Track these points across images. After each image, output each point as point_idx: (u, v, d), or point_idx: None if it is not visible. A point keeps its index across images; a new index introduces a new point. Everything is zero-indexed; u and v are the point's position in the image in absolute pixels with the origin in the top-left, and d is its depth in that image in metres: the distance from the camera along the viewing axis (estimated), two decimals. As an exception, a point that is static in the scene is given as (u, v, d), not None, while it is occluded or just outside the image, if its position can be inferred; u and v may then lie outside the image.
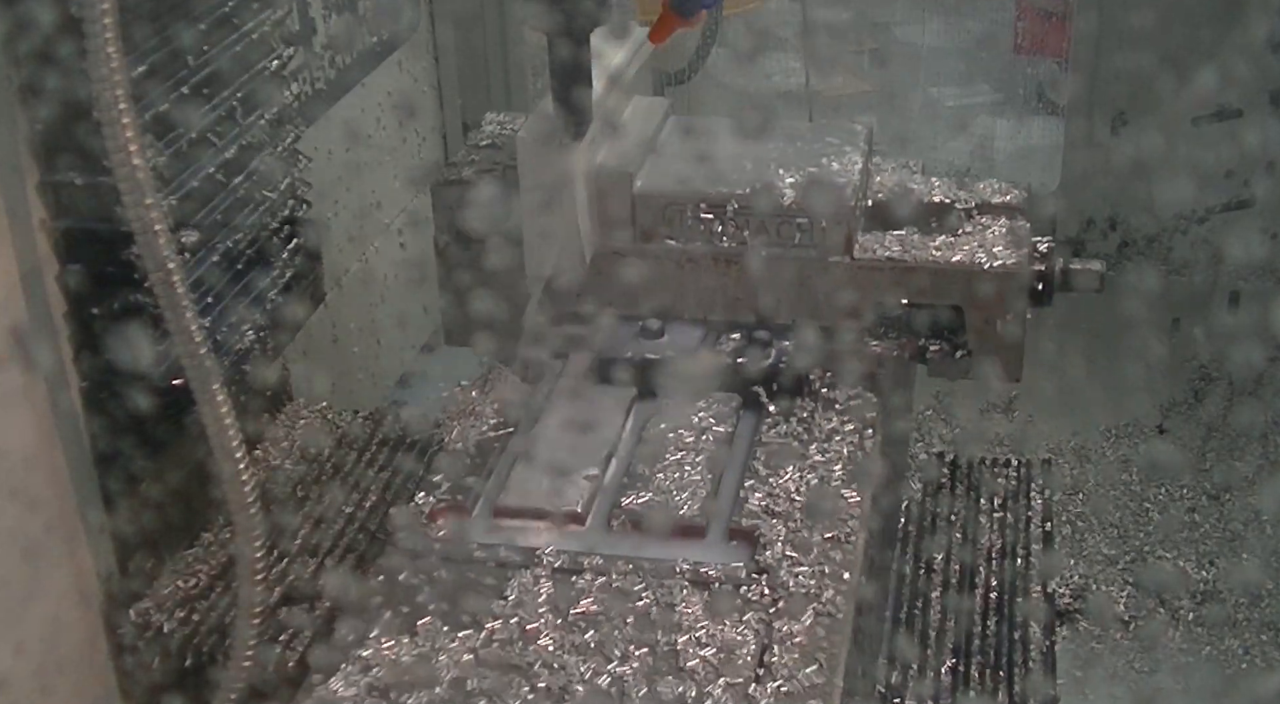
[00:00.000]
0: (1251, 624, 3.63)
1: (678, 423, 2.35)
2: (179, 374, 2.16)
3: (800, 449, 2.29)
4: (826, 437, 2.32)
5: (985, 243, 2.46)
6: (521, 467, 2.26)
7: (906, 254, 2.45)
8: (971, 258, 2.42)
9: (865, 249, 2.46)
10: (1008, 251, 2.43)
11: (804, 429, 2.34)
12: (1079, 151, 3.92)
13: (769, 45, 5.40)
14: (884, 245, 2.46)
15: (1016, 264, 2.42)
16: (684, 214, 2.47)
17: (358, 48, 3.66)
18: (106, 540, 2.44)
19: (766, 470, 2.24)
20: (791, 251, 2.46)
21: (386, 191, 3.92)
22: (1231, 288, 4.02)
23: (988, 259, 2.42)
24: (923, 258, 2.44)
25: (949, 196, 2.57)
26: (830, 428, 2.34)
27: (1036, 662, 2.41)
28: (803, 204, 2.44)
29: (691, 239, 2.48)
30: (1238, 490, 3.92)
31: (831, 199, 2.44)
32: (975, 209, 2.55)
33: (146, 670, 2.43)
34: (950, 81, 5.53)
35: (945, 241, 2.48)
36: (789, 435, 2.33)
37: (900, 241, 2.47)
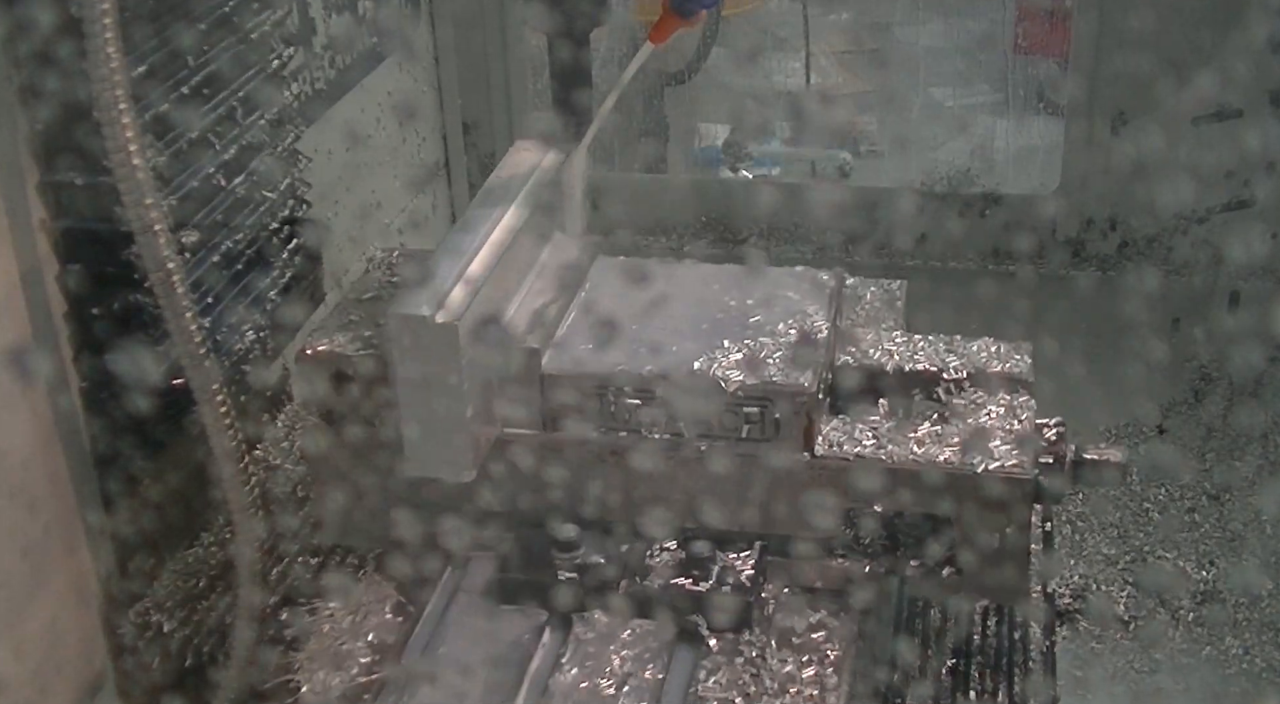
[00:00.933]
0: (1251, 625, 3.63)
1: (593, 667, 1.95)
2: (179, 374, 2.16)
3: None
4: (781, 686, 1.92)
5: (979, 433, 2.05)
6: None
7: (881, 451, 2.02)
8: (962, 456, 2.00)
9: (829, 443, 2.04)
10: (1007, 447, 2.01)
11: (752, 675, 1.94)
12: (1079, 151, 3.92)
13: (769, 45, 5.40)
14: (852, 438, 2.04)
15: (1018, 466, 1.99)
16: (604, 399, 2.06)
17: (358, 48, 3.66)
18: (106, 541, 2.44)
19: None
20: (738, 446, 2.03)
21: (386, 192, 3.92)
22: (1231, 288, 4.01)
23: (982, 459, 1.99)
24: (901, 456, 2.02)
25: (935, 364, 2.18)
26: (786, 673, 1.95)
27: (1036, 662, 2.41)
28: (751, 390, 2.01)
29: (615, 429, 2.07)
30: (1238, 491, 3.92)
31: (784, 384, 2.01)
32: (967, 380, 2.15)
33: (146, 670, 2.43)
34: (950, 82, 5.53)
35: (930, 433, 2.05)
36: (732, 685, 1.93)
37: (874, 432, 2.05)
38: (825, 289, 2.22)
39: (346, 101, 3.62)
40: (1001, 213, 3.97)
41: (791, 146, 5.33)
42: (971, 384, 2.15)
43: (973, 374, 2.16)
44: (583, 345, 2.12)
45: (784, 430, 2.02)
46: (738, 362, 2.05)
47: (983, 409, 2.11)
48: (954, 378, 2.16)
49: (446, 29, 4.08)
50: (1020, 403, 2.13)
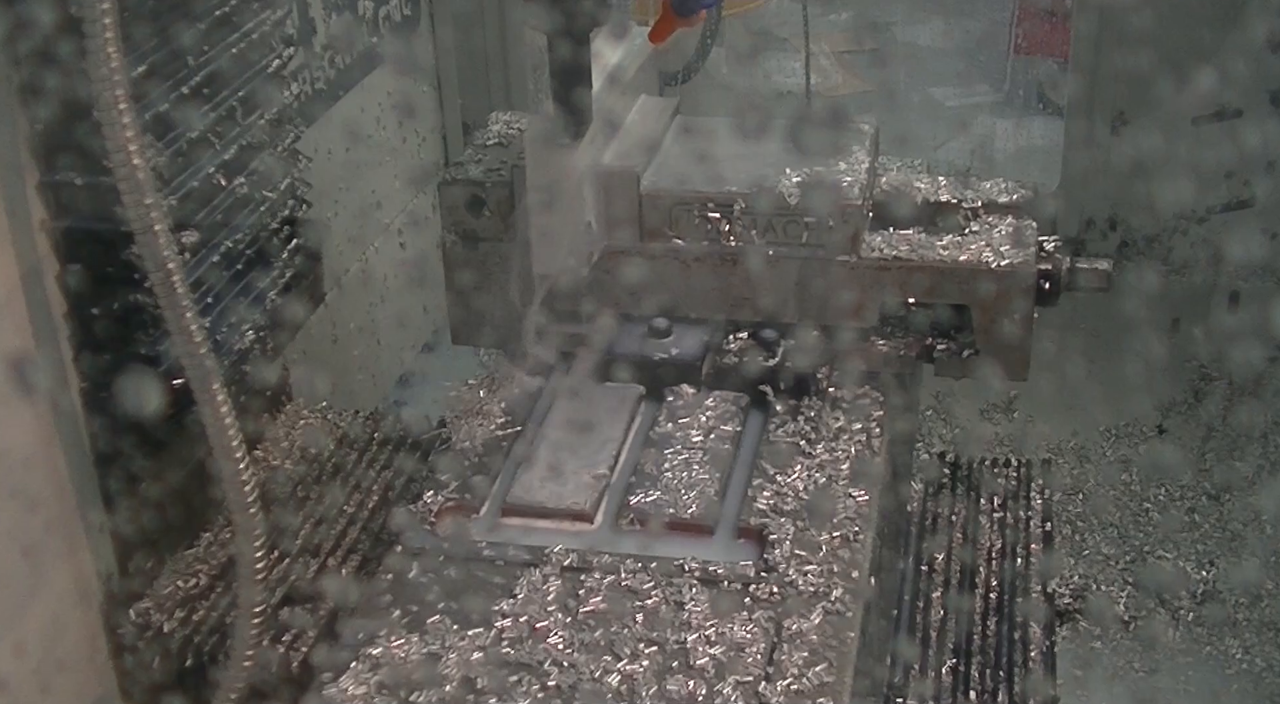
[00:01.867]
0: (1251, 625, 3.63)
1: (685, 422, 2.34)
2: (179, 374, 2.17)
3: (807, 448, 2.28)
4: (833, 436, 2.32)
5: (991, 242, 2.45)
6: (529, 465, 2.26)
7: (913, 254, 2.43)
8: (978, 257, 2.41)
9: (872, 248, 2.45)
10: (1014, 250, 2.42)
11: (811, 428, 2.33)
12: (1079, 151, 3.92)
13: (769, 45, 5.40)
14: (890, 245, 2.45)
15: (1023, 263, 2.41)
16: (689, 214, 2.46)
17: (358, 48, 3.67)
18: (106, 540, 2.44)
19: (774, 469, 2.24)
20: (797, 251, 2.44)
21: (386, 192, 3.93)
22: (1231, 288, 4.02)
23: (994, 258, 2.41)
24: (929, 257, 2.43)
25: (955, 196, 2.56)
26: (837, 427, 2.34)
27: (1036, 661, 2.41)
28: (808, 203, 2.42)
29: (697, 239, 2.47)
30: (1237, 490, 3.92)
31: (838, 198, 2.42)
32: (981, 208, 2.54)
33: (146, 670, 2.43)
34: (950, 82, 5.53)
35: (952, 241, 2.46)
36: (796, 434, 2.32)
37: (907, 241, 2.46)
38: (865, 134, 2.63)
39: (346, 101, 3.63)
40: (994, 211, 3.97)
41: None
42: (985, 210, 2.53)
43: (985, 203, 2.55)
44: (672, 171, 2.52)
45: (835, 238, 2.42)
46: (798, 183, 2.43)
47: (994, 228, 2.50)
48: (970, 206, 2.54)
49: (446, 29, 4.08)
50: (1023, 224, 2.51)
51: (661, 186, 2.48)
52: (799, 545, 2.07)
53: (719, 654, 1.90)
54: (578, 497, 2.18)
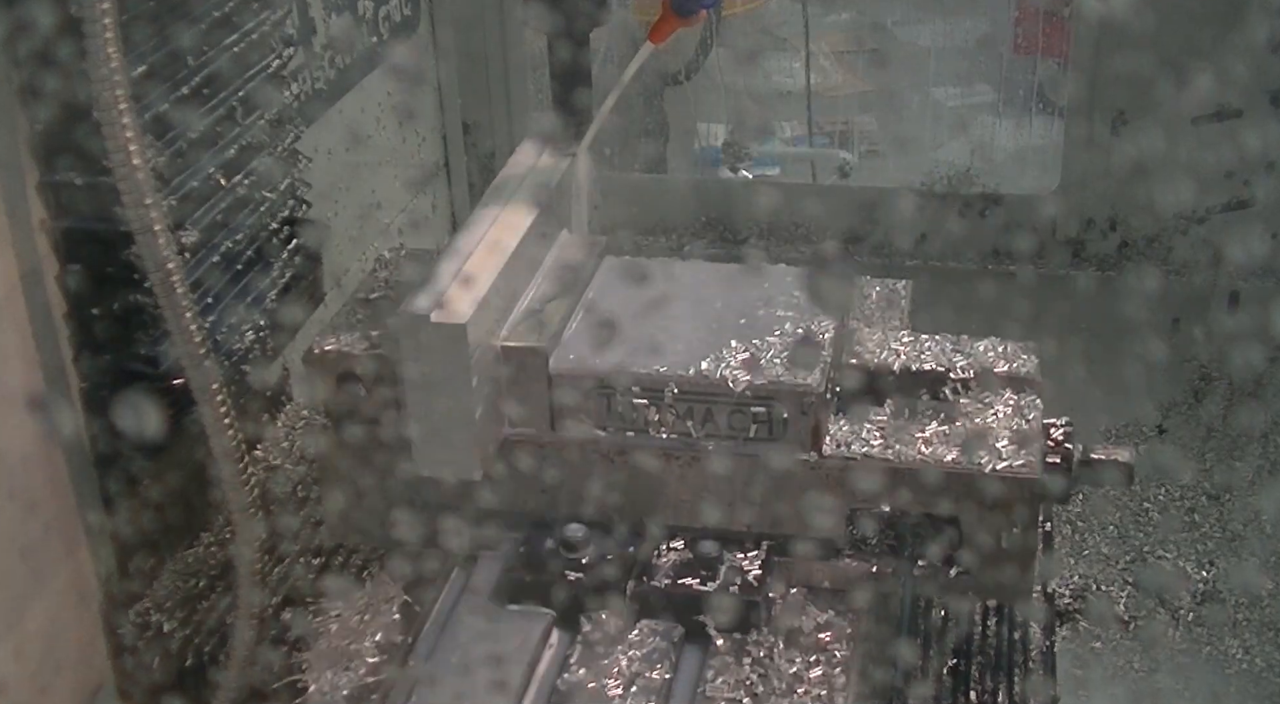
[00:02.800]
0: (1251, 625, 3.63)
1: (603, 665, 1.95)
2: (179, 374, 2.16)
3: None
4: (787, 686, 1.92)
5: (986, 433, 2.05)
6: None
7: (887, 451, 2.02)
8: (969, 456, 2.00)
9: (836, 442, 2.03)
10: (1014, 447, 2.00)
11: (758, 675, 1.94)
12: (1079, 151, 3.92)
13: (769, 45, 5.40)
14: (860, 438, 2.04)
15: (1026, 466, 1.99)
16: (612, 399, 2.05)
17: (358, 48, 3.66)
18: (106, 541, 2.44)
19: None
20: (745, 446, 2.03)
21: (386, 192, 3.92)
22: (1231, 288, 4.01)
23: (989, 458, 1.99)
24: (908, 456, 2.01)
25: (942, 363, 2.17)
26: (793, 673, 1.95)
27: (1036, 662, 2.41)
28: (759, 391, 2.01)
29: (620, 429, 2.07)
30: (1238, 491, 3.92)
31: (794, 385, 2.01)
32: (974, 380, 2.15)
33: (146, 671, 2.43)
34: (950, 82, 5.53)
35: (937, 432, 2.05)
36: (739, 685, 1.92)
37: (880, 431, 2.05)
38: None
39: (346, 101, 3.62)
40: (1001, 213, 3.97)
41: (791, 146, 5.33)
42: (978, 384, 2.15)
43: (979, 373, 2.16)
44: (589, 345, 2.11)
45: (791, 430, 2.02)
46: (744, 362, 2.04)
47: (989, 409, 2.11)
48: (960, 377, 2.15)
49: (446, 29, 4.08)
50: (1027, 402, 2.12)
51: (575, 366, 2.06)
52: None
53: None
54: None
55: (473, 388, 1.99)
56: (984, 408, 2.11)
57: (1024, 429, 2.06)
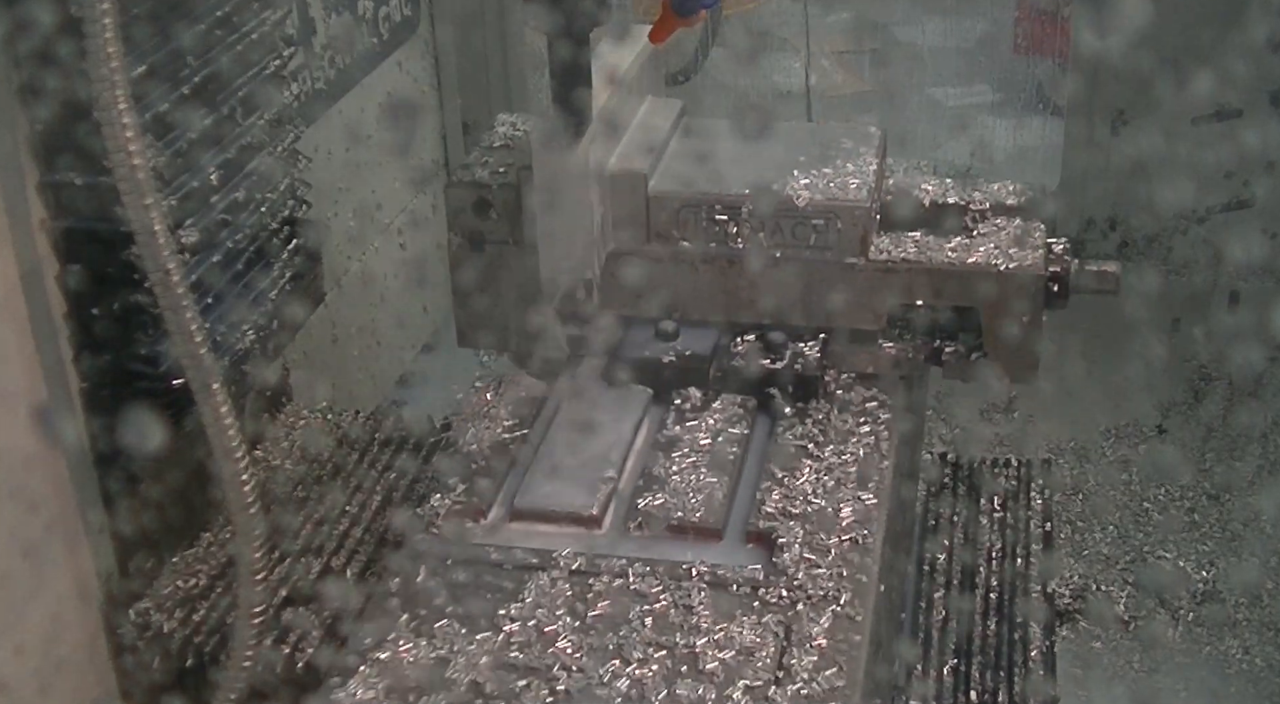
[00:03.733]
0: (1251, 625, 3.63)
1: (692, 425, 2.33)
2: (179, 374, 2.16)
3: (815, 451, 2.28)
4: (842, 438, 2.31)
5: (1000, 244, 2.44)
6: (537, 469, 2.25)
7: (921, 256, 2.42)
8: (987, 259, 2.40)
9: (880, 251, 2.43)
10: (1022, 253, 2.41)
11: (819, 431, 2.32)
12: (1079, 151, 3.92)
13: (769, 45, 5.40)
14: (899, 247, 2.44)
15: (1031, 265, 2.39)
16: (697, 216, 2.45)
17: (358, 48, 3.66)
18: (106, 540, 2.44)
19: (783, 472, 2.23)
20: (806, 253, 2.43)
21: (386, 192, 3.92)
22: (1231, 288, 4.02)
23: (1003, 260, 2.40)
24: (938, 259, 2.41)
25: (961, 198, 2.55)
26: (845, 429, 2.33)
27: (1036, 662, 2.41)
28: (817, 205, 2.41)
29: (704, 241, 2.46)
30: (1238, 491, 3.92)
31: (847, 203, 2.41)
32: (988, 210, 2.52)
33: (146, 670, 2.43)
34: (950, 81, 5.53)
35: (960, 243, 2.45)
36: (804, 437, 2.32)
37: (915, 243, 2.45)
38: (873, 136, 2.61)
39: (346, 101, 3.63)
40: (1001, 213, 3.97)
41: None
42: (993, 212, 2.52)
43: (993, 205, 2.53)
44: (679, 173, 2.51)
45: (844, 239, 2.41)
46: (806, 185, 2.43)
47: (1002, 230, 2.49)
48: (979, 208, 2.53)
49: (446, 29, 4.08)
50: (1031, 226, 2.50)
51: (668, 189, 2.47)
52: (808, 549, 2.07)
53: (728, 658, 1.89)
54: (585, 501, 2.17)
55: (590, 206, 2.37)
56: (998, 230, 2.49)
57: (1029, 240, 2.46)
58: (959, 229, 2.51)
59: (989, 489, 2.79)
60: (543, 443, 2.33)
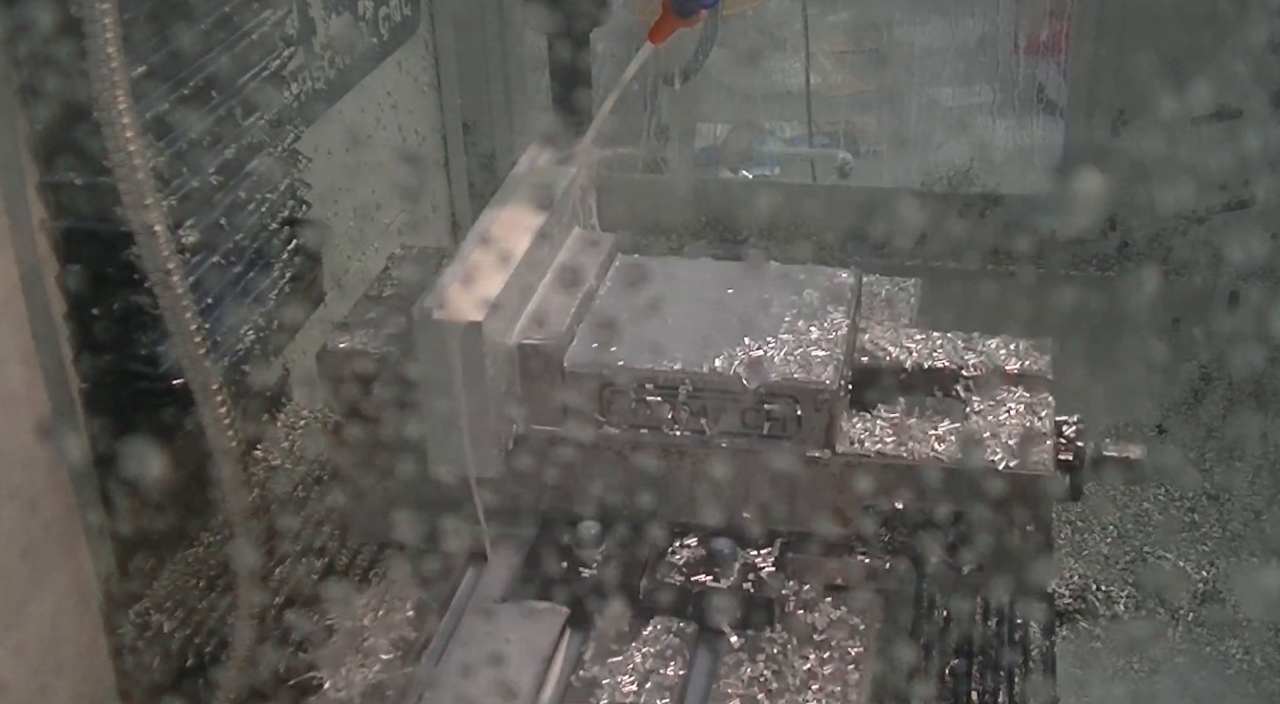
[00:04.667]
0: (1251, 625, 3.63)
1: (616, 663, 1.96)
2: (179, 374, 2.16)
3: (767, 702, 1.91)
4: (800, 683, 1.92)
5: (998, 431, 2.04)
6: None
7: (901, 449, 2.02)
8: (983, 455, 2.01)
9: (850, 440, 2.04)
10: (1026, 446, 2.01)
11: (772, 672, 1.94)
12: (1079, 151, 3.92)
13: (769, 45, 5.40)
14: (874, 435, 2.05)
15: (1038, 463, 2.00)
16: (626, 397, 2.05)
17: (358, 48, 3.66)
18: (106, 541, 2.44)
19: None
20: (760, 444, 2.03)
21: (386, 192, 3.92)
22: (1231, 288, 4.01)
23: (1003, 456, 2.00)
24: (921, 454, 2.01)
25: (953, 362, 2.19)
26: (805, 670, 1.95)
27: (1036, 662, 2.40)
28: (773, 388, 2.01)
29: (634, 426, 2.07)
30: (1238, 491, 3.92)
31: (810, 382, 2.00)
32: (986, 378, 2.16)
33: (146, 671, 2.43)
34: (950, 82, 5.53)
35: (950, 429, 2.06)
36: (753, 682, 1.92)
37: (893, 429, 2.05)
38: (844, 288, 2.22)
39: (346, 101, 3.62)
40: (1001, 213, 3.97)
41: (791, 146, 5.33)
42: (991, 381, 2.16)
43: (991, 371, 2.17)
44: (601, 343, 2.12)
45: (804, 428, 2.02)
46: (756, 360, 2.04)
47: (1003, 406, 2.11)
48: (972, 375, 2.16)
49: (446, 29, 4.08)
50: (1039, 400, 2.13)
51: (588, 364, 2.07)
52: None
53: None
54: None
55: (487, 386, 1.99)
56: (996, 406, 2.11)
57: (1036, 427, 2.06)
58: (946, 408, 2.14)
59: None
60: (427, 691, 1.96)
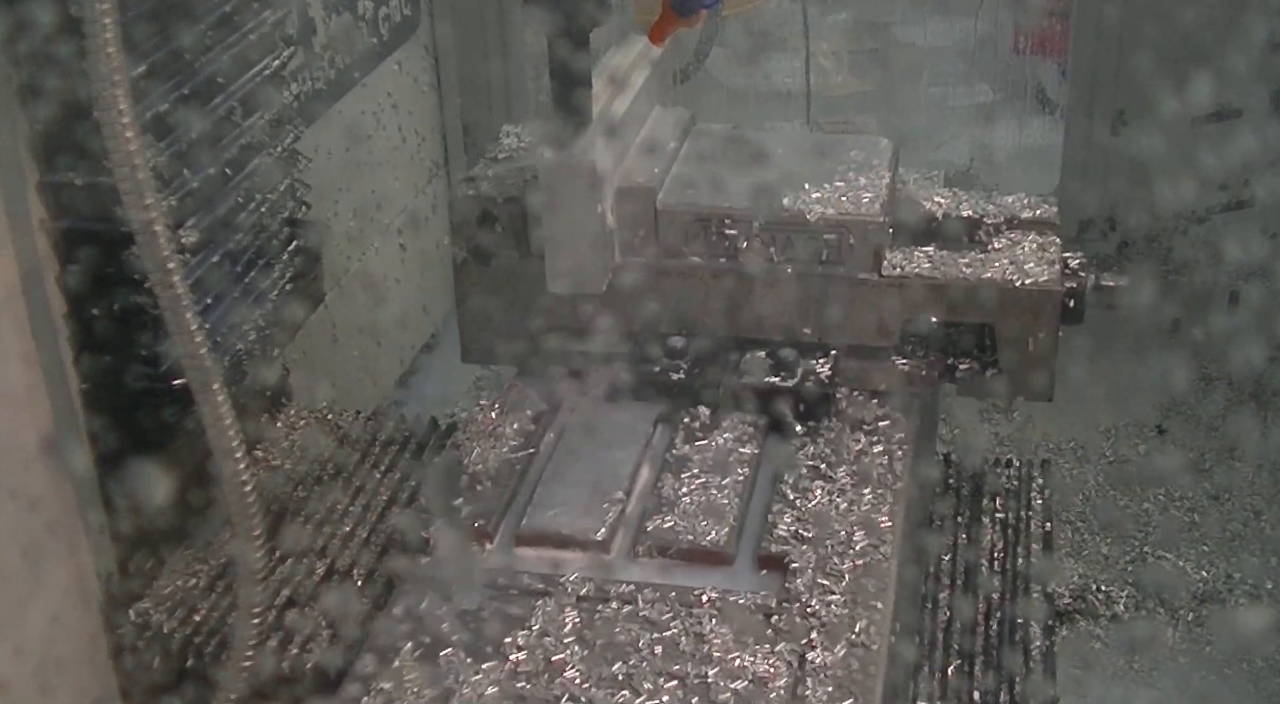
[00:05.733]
0: (1251, 625, 3.63)
1: (701, 444, 2.29)
2: (179, 374, 2.16)
3: (828, 472, 2.25)
4: (854, 458, 2.27)
5: (1016, 259, 2.40)
6: (543, 491, 2.21)
7: (935, 271, 2.38)
8: (1003, 275, 2.36)
9: (894, 266, 2.39)
10: (1039, 268, 2.37)
11: (831, 450, 2.28)
12: (1079, 151, 3.92)
13: (769, 45, 5.40)
14: (913, 262, 2.40)
15: (1049, 281, 2.36)
16: (707, 230, 2.41)
17: (358, 48, 3.66)
18: (106, 540, 2.44)
19: (794, 494, 2.19)
20: (818, 268, 2.40)
21: (386, 192, 3.92)
22: (1231, 288, 4.02)
23: (1019, 276, 2.36)
24: (953, 275, 2.38)
25: (976, 211, 2.51)
26: (858, 449, 2.29)
27: (1036, 662, 2.41)
28: (829, 220, 2.37)
29: (714, 256, 2.42)
30: (1238, 491, 3.92)
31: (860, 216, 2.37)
32: (1003, 224, 2.49)
33: (146, 670, 2.43)
34: (950, 81, 5.53)
35: (975, 258, 2.41)
36: (816, 458, 2.27)
37: (929, 258, 2.41)
38: (886, 149, 2.58)
39: (346, 101, 3.63)
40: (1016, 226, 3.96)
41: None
42: (1007, 226, 2.49)
43: (1008, 219, 2.50)
44: (688, 187, 2.46)
45: (856, 255, 2.37)
46: (817, 199, 2.39)
47: (1018, 244, 2.46)
48: (993, 221, 2.50)
49: (446, 29, 4.08)
50: (1047, 241, 2.46)
51: (677, 203, 2.43)
52: (822, 574, 2.02)
53: (741, 688, 1.85)
54: (593, 524, 2.13)
55: (598, 218, 2.32)
56: (1013, 244, 2.46)
57: (1046, 255, 2.42)
58: (973, 243, 2.47)
59: (990, 489, 2.77)
60: (549, 463, 2.29)
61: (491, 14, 4.11)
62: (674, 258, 2.43)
